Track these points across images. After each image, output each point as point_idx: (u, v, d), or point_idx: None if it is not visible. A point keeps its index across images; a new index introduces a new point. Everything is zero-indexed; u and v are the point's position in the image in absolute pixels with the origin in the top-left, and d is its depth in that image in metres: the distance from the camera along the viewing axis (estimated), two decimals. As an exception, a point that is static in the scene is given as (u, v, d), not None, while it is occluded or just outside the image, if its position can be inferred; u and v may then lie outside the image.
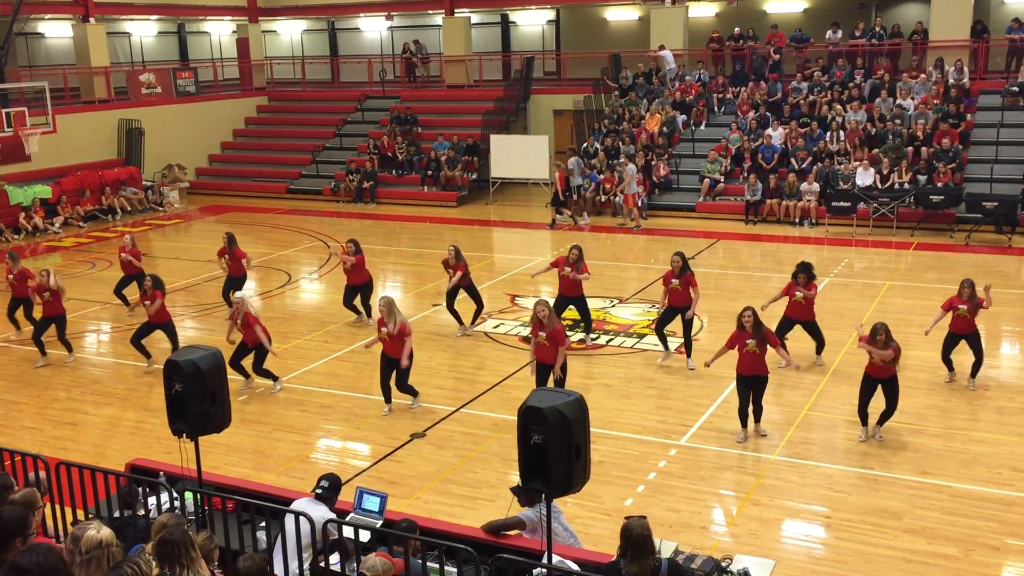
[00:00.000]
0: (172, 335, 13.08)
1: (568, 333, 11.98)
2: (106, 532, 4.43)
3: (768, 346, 10.11)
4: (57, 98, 25.77)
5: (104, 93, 27.74)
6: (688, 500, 8.91)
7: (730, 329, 13.60)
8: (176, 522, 5.17)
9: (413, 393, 11.37)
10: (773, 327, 11.23)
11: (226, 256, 15.26)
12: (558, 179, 22.31)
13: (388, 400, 11.31)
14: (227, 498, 6.73)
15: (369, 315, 14.67)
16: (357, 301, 14.69)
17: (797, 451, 9.85)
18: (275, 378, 12.22)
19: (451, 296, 14.03)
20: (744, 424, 10.21)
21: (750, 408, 10.19)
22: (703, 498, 8.99)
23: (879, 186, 20.48)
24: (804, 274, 12.14)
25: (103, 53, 28.14)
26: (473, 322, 14.30)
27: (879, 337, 9.82)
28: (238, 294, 12.65)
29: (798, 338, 12.27)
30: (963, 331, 11.40)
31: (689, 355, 12.50)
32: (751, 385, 10.09)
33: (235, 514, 6.64)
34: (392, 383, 11.17)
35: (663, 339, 12.70)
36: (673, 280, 12.28)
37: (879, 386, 9.95)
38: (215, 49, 35.79)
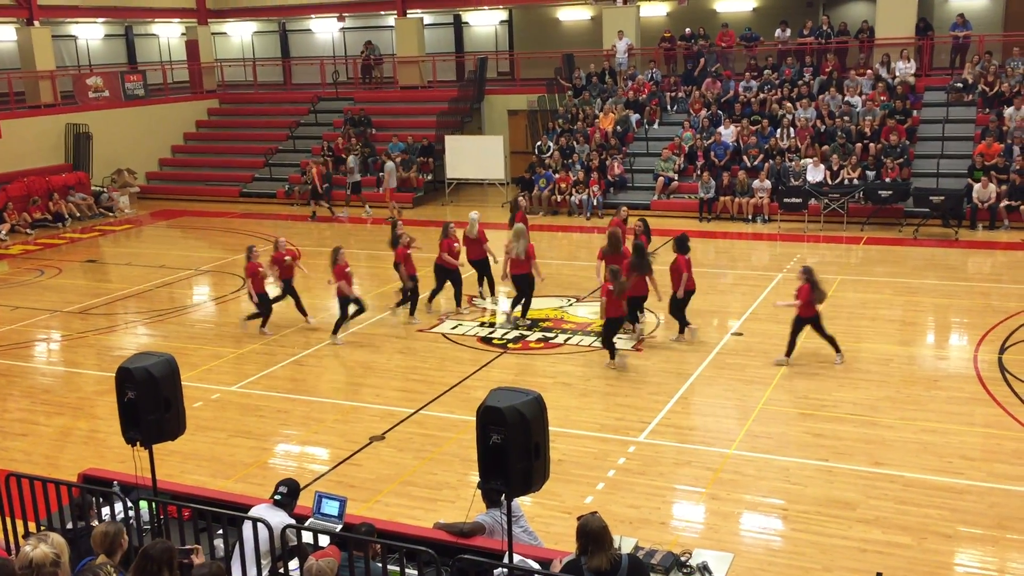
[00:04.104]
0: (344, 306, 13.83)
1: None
2: (39, 552, 4.31)
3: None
4: (1, 103, 25.25)
5: (50, 97, 27.22)
6: (647, 496, 8.97)
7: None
8: (116, 530, 5.10)
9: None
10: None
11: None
12: (315, 175, 24.35)
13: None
14: (183, 506, 6.64)
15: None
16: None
17: (754, 445, 9.97)
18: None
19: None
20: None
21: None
22: (662, 494, 9.06)
23: (829, 182, 20.79)
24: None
25: (48, 56, 27.62)
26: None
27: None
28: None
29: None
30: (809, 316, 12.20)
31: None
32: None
33: (192, 522, 6.56)
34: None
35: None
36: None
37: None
38: (164, 52, 35.29)
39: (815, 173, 20.97)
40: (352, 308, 13.85)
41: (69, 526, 6.54)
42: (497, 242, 15.75)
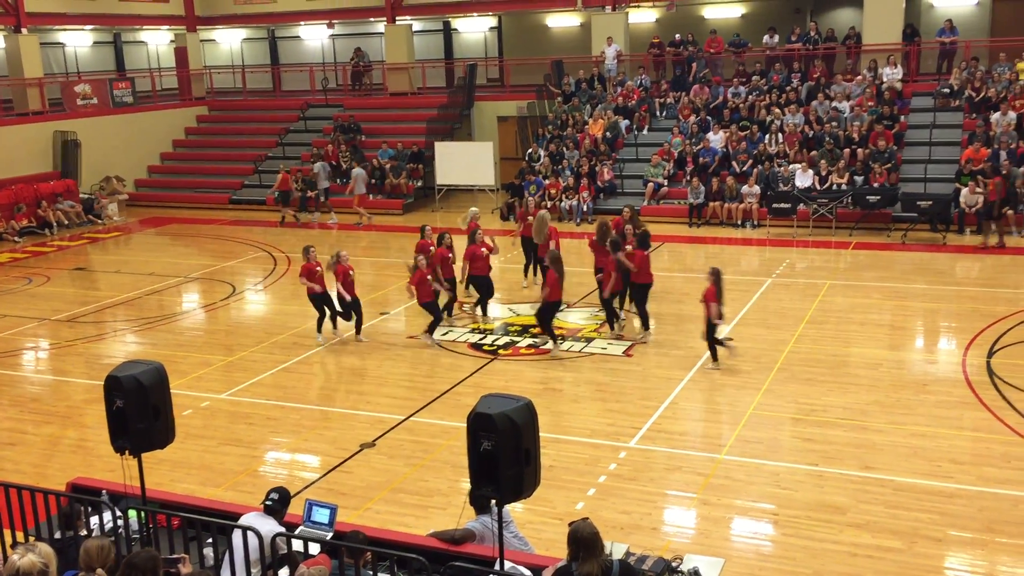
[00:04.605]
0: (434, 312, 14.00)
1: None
2: (27, 560, 4.30)
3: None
4: (-11, 110, 25.17)
5: (38, 105, 27.14)
6: (638, 502, 8.97)
7: (676, 331, 13.78)
8: (109, 544, 5.09)
9: None
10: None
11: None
12: (280, 180, 24.71)
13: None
14: (172, 515, 6.61)
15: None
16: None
17: (744, 450, 9.98)
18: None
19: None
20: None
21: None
22: (653, 499, 9.06)
23: (818, 187, 20.88)
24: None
25: (36, 64, 27.55)
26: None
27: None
28: None
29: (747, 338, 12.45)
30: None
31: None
32: None
33: (181, 531, 6.53)
34: None
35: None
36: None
37: None
38: (152, 59, 35.25)
39: (803, 178, 21.05)
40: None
41: (57, 535, 6.50)
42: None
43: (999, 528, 8.20)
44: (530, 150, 25.13)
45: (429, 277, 13.75)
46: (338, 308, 14.08)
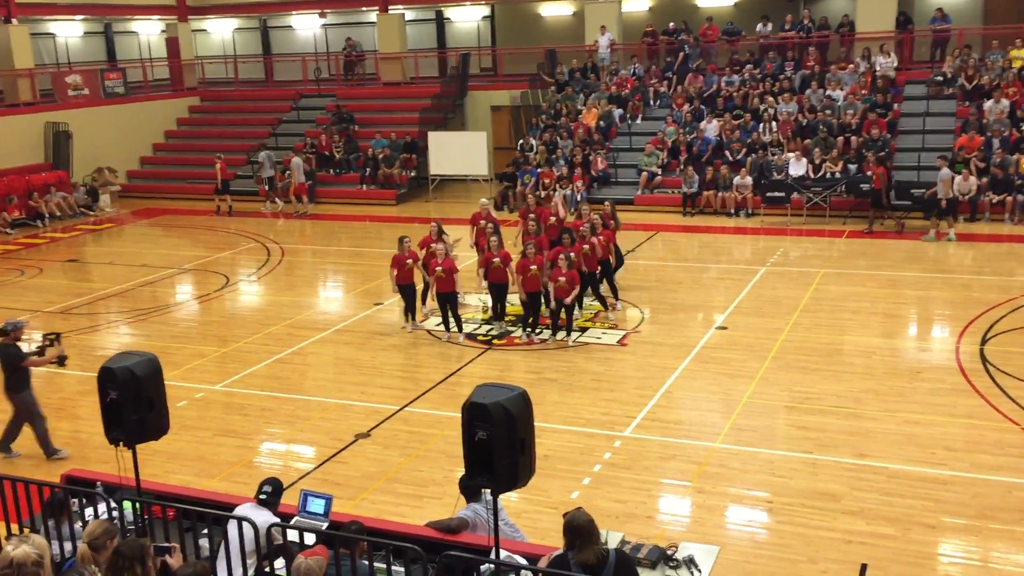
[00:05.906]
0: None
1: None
2: (21, 551, 4.30)
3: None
4: (-20, 101, 25.01)
5: (29, 96, 27.00)
6: (633, 490, 8.99)
7: (671, 320, 13.82)
8: (106, 529, 5.09)
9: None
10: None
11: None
12: (219, 169, 24.85)
13: None
14: (167, 506, 6.60)
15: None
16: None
17: (739, 438, 10.00)
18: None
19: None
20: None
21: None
22: (648, 488, 9.08)
23: (811, 176, 20.88)
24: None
25: (27, 54, 27.38)
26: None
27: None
28: None
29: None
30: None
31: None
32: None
33: (176, 522, 6.52)
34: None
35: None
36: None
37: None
38: (144, 49, 35.07)
39: (797, 167, 21.05)
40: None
41: (52, 523, 6.49)
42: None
43: (992, 515, 8.24)
44: (523, 142, 25.07)
45: (496, 260, 13.57)
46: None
